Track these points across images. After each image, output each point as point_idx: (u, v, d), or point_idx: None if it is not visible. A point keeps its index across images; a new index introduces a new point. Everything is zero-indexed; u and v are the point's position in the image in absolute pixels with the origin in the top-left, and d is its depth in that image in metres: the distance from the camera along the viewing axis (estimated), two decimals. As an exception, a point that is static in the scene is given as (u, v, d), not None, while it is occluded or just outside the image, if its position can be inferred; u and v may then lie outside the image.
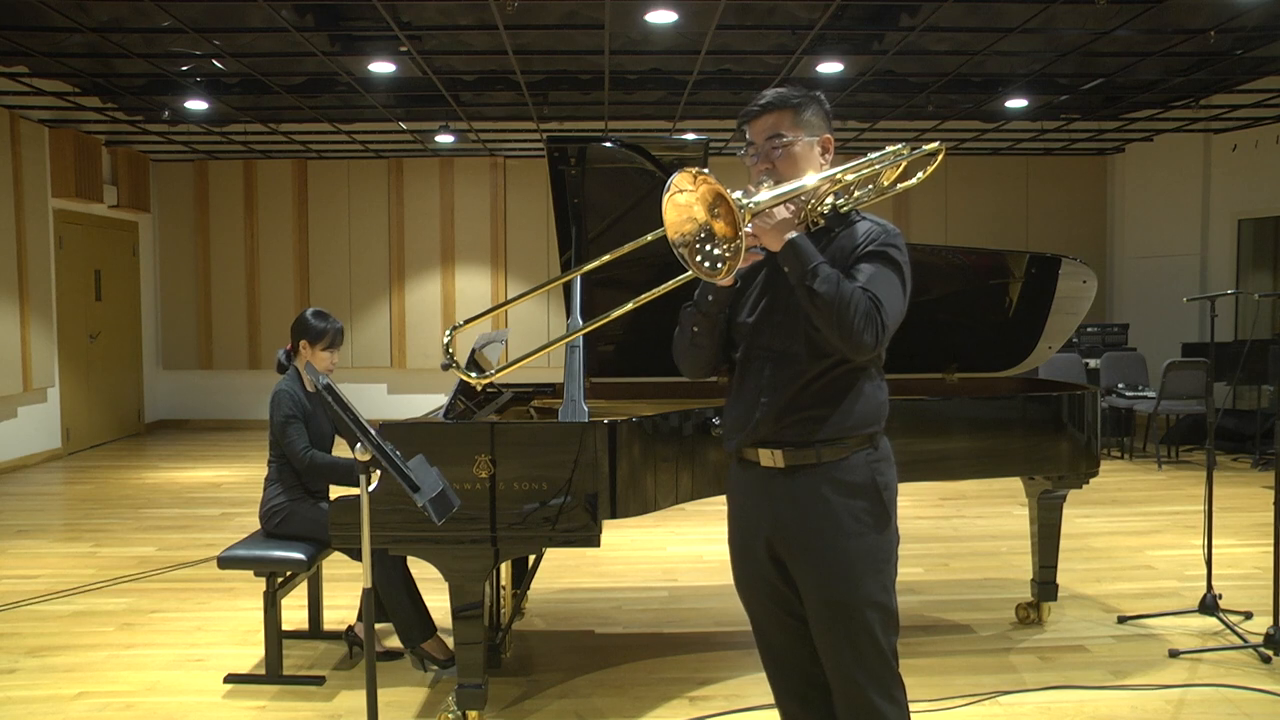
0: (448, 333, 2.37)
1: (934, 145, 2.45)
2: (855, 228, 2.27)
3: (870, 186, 2.35)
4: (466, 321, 2.53)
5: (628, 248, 2.40)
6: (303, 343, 3.96)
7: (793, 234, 2.13)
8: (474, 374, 2.58)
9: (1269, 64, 7.48)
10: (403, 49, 6.75)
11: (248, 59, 7.01)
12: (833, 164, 2.30)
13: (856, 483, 2.22)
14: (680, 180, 2.01)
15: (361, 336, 11.12)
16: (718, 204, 1.98)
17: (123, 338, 10.54)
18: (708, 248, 2.03)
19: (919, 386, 4.25)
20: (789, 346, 2.23)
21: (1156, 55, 7.03)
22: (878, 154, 2.31)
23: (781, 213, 2.14)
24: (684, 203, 2.02)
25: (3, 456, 8.47)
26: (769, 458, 2.26)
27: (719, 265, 2.02)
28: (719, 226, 2.00)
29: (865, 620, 2.19)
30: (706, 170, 1.99)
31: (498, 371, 2.62)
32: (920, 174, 2.45)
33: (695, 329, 2.32)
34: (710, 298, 2.28)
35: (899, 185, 2.39)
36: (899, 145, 2.36)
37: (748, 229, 2.03)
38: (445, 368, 2.42)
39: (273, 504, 3.89)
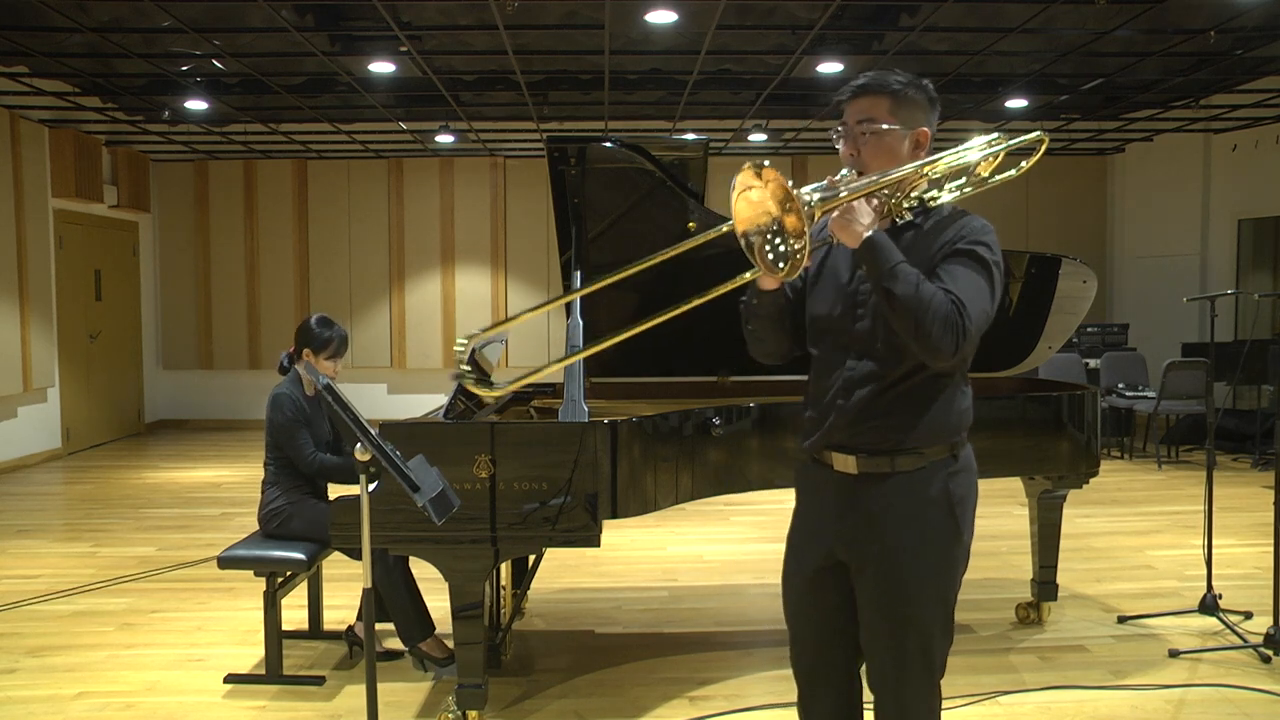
0: (462, 344, 2.18)
1: (1036, 134, 2.28)
2: (944, 223, 2.13)
3: (964, 179, 2.19)
4: (484, 330, 2.48)
5: (687, 245, 2.24)
6: (306, 350, 3.97)
7: (871, 231, 2.00)
8: (484, 387, 2.54)
9: (1269, 64, 7.48)
10: (403, 49, 6.75)
11: (248, 59, 7.01)
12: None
13: (930, 495, 2.12)
14: (745, 178, 1.91)
15: (361, 336, 11.11)
16: (788, 200, 1.88)
17: (123, 338, 10.54)
18: (777, 243, 1.93)
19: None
20: (868, 347, 2.12)
21: (1156, 55, 7.03)
22: (966, 145, 2.17)
23: (862, 208, 2.01)
24: (756, 200, 1.92)
25: (3, 456, 8.47)
26: (842, 462, 2.17)
27: (783, 262, 1.93)
28: (790, 221, 1.88)
29: (921, 635, 2.13)
30: (767, 163, 1.88)
31: (511, 385, 2.54)
32: (1024, 163, 2.27)
33: (750, 325, 2.26)
34: (755, 300, 2.20)
35: (996, 177, 2.21)
36: (993, 135, 2.21)
37: (813, 229, 1.93)
38: (455, 378, 2.35)
39: (271, 506, 3.89)
